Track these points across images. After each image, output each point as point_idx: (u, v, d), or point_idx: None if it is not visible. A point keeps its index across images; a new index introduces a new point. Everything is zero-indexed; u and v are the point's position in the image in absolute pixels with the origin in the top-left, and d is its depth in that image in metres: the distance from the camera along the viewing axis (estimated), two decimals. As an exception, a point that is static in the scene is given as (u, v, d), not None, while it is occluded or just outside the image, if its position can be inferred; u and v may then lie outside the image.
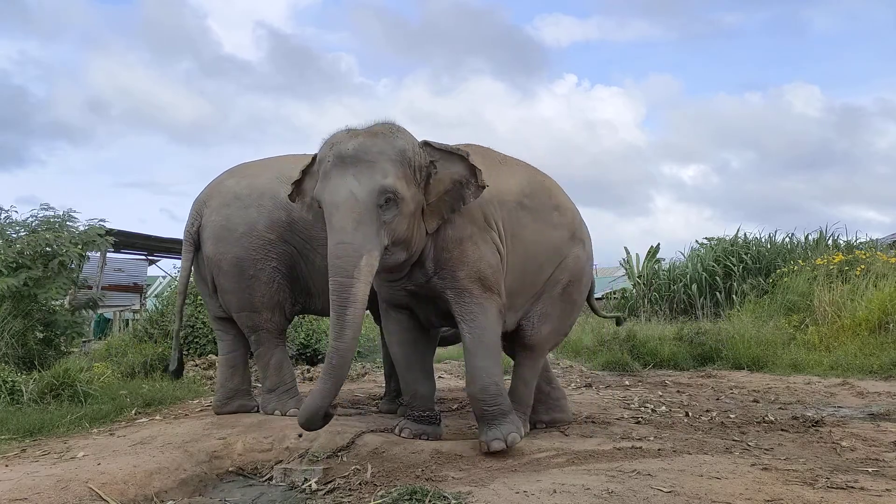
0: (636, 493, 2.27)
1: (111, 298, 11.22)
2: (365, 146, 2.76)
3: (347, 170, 2.73)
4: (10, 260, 5.08)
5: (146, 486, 2.63)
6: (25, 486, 2.45)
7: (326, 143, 2.90)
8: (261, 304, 3.75)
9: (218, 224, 3.75)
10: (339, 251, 2.64)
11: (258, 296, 3.74)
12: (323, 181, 2.79)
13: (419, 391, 3.30)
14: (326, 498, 2.54)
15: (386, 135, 2.82)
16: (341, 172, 2.74)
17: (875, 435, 3.38)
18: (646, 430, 3.54)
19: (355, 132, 2.86)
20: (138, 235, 10.92)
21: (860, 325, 6.68)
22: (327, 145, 2.87)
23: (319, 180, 2.83)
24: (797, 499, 2.20)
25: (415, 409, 3.30)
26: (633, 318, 11.02)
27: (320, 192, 2.79)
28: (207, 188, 3.94)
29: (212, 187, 3.92)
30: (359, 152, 2.74)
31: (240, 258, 3.70)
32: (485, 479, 2.55)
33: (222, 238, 3.73)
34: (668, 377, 6.14)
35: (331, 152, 2.80)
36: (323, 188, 2.77)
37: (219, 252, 3.74)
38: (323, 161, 2.84)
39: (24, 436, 3.49)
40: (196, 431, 3.35)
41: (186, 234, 3.86)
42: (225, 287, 3.79)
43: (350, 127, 2.92)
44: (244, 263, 3.71)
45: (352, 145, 2.76)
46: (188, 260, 3.88)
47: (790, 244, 11.60)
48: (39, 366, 4.89)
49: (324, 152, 2.87)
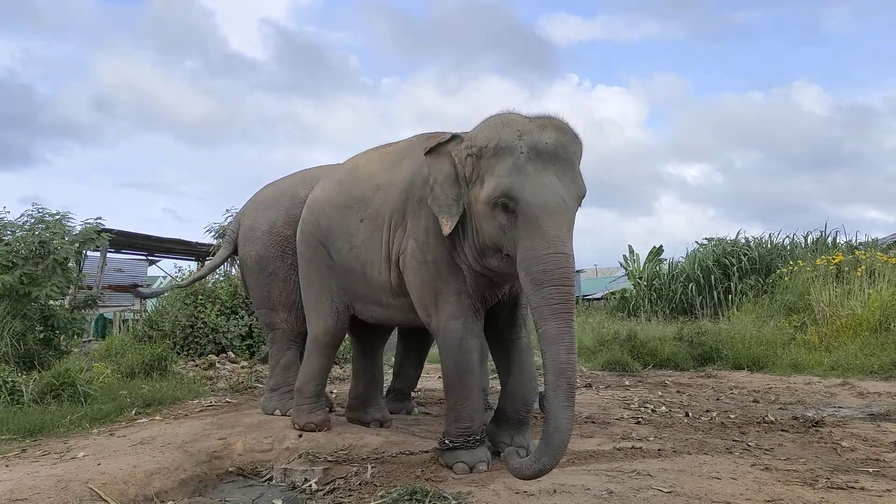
0: (636, 493, 2.27)
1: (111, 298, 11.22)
2: (562, 143, 2.55)
3: (548, 167, 2.49)
4: (4, 259, 5.08)
5: (146, 486, 2.63)
6: (26, 486, 2.45)
7: (502, 125, 2.58)
8: (278, 303, 3.95)
9: (246, 226, 4.14)
10: (559, 261, 2.39)
11: (276, 293, 3.94)
12: (518, 175, 2.47)
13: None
14: (326, 498, 2.54)
15: (570, 130, 2.62)
16: (541, 170, 2.48)
17: (875, 435, 3.38)
18: (646, 431, 3.54)
19: (540, 122, 2.59)
20: (138, 235, 10.91)
21: (860, 325, 6.68)
22: (507, 131, 2.55)
23: (508, 172, 2.49)
24: (797, 499, 2.20)
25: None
26: (633, 318, 11.03)
27: (517, 188, 2.46)
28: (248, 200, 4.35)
29: (251, 198, 4.32)
30: (558, 149, 2.52)
31: (261, 256, 4.00)
32: (485, 479, 2.55)
33: (248, 238, 4.09)
34: (668, 377, 6.14)
35: (521, 142, 2.50)
36: (521, 185, 2.46)
37: (245, 251, 4.11)
38: (507, 149, 2.51)
39: (25, 436, 3.50)
40: (196, 431, 3.35)
41: (226, 238, 4.43)
42: (249, 284, 4.15)
43: (513, 110, 2.66)
44: (264, 261, 3.98)
45: (549, 140, 2.52)
46: (219, 257, 4.49)
47: (790, 244, 11.60)
48: (39, 366, 4.89)
49: (502, 139, 2.54)
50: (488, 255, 2.70)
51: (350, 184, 3.35)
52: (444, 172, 2.72)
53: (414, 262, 2.91)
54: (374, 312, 3.35)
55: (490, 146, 2.56)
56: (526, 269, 2.44)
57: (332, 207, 3.37)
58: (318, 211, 3.46)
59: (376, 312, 3.34)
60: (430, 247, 2.86)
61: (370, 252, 3.17)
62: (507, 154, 2.52)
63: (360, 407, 3.69)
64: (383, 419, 3.65)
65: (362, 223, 3.21)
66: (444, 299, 2.84)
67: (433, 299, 2.87)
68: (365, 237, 3.19)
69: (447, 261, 2.84)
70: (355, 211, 3.25)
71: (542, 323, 2.38)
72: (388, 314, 3.31)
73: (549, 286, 2.37)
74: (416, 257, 2.90)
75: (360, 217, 3.22)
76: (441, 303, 2.85)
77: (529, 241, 2.44)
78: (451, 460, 2.78)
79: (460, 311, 2.84)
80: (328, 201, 3.42)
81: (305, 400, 3.44)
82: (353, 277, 3.30)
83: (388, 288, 3.14)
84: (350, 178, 3.38)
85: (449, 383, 2.87)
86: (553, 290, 2.37)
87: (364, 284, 3.26)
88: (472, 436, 2.81)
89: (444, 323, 2.84)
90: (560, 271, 2.38)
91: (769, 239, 11.99)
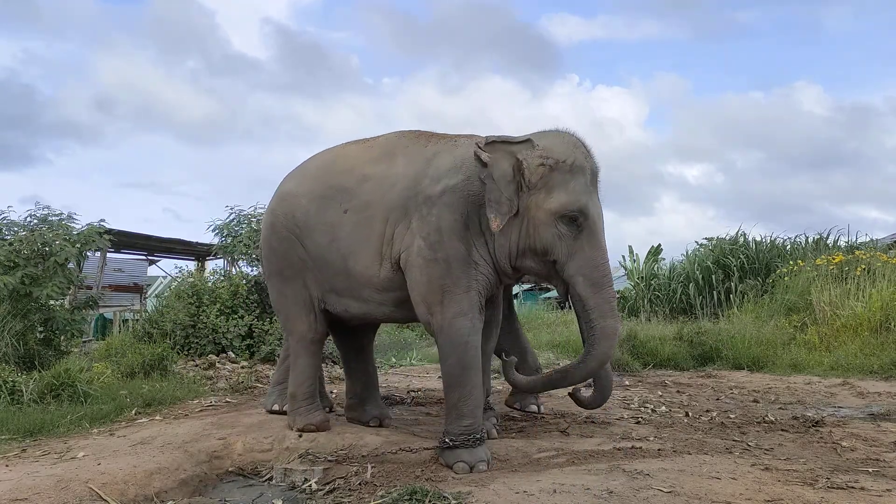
0: (636, 492, 2.27)
1: (111, 298, 11.22)
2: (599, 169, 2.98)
3: (596, 190, 2.94)
4: (6, 259, 5.08)
5: (146, 486, 2.63)
6: (26, 486, 2.45)
7: (574, 146, 2.89)
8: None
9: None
10: (607, 268, 2.88)
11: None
12: (587, 195, 2.84)
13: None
14: (326, 498, 2.54)
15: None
16: (595, 191, 2.92)
17: (875, 435, 3.38)
18: (646, 430, 3.54)
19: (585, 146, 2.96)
20: (138, 235, 10.91)
21: (861, 325, 6.67)
22: (580, 152, 2.88)
23: (583, 191, 2.82)
24: (797, 499, 2.20)
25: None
26: (633, 318, 11.02)
27: (589, 205, 2.82)
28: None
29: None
30: (599, 174, 2.97)
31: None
32: (485, 479, 2.55)
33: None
34: (668, 377, 6.14)
35: (587, 163, 2.88)
36: (589, 202, 2.83)
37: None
38: (578, 168, 2.83)
39: (25, 436, 3.50)
40: (196, 431, 3.35)
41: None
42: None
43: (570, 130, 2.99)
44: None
45: (596, 166, 2.95)
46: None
47: (790, 244, 11.59)
48: (39, 366, 4.89)
49: (577, 159, 2.85)
50: (528, 257, 2.89)
51: (329, 175, 3.31)
52: (502, 170, 2.81)
53: (421, 259, 2.92)
54: (350, 306, 3.31)
55: (568, 162, 2.82)
56: (585, 274, 2.81)
57: (310, 199, 3.31)
58: (292, 203, 3.38)
59: (352, 306, 3.30)
60: (442, 245, 2.90)
61: (356, 244, 3.14)
62: (580, 174, 2.83)
63: (358, 406, 3.69)
64: (382, 417, 3.64)
65: (346, 214, 3.18)
66: (452, 296, 2.88)
67: (439, 297, 2.90)
68: (350, 229, 3.16)
69: (462, 258, 2.90)
70: (337, 202, 3.22)
71: (602, 319, 2.80)
72: (365, 308, 3.28)
73: (608, 286, 2.85)
74: (425, 255, 2.92)
75: (345, 208, 3.19)
76: (448, 300, 2.88)
77: (591, 251, 2.82)
78: (452, 459, 2.79)
79: (469, 307, 2.89)
80: (304, 193, 3.35)
81: (301, 403, 3.40)
82: (330, 270, 3.26)
83: (375, 283, 3.13)
84: (328, 169, 3.35)
85: (452, 381, 2.90)
86: (611, 290, 2.86)
87: (344, 278, 3.23)
88: (473, 434, 2.84)
89: (449, 320, 2.87)
90: (610, 277, 2.90)
91: (769, 239, 11.98)
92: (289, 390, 3.51)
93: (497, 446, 3.05)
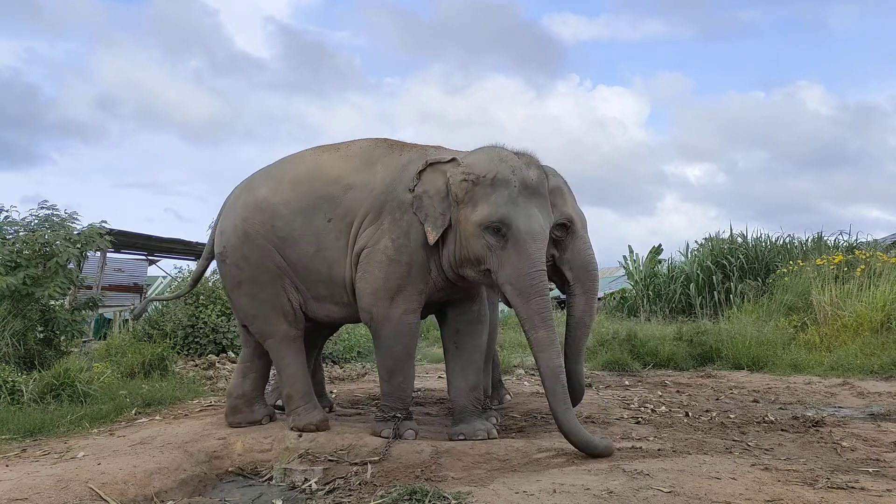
0: (636, 492, 2.27)
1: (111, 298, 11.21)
2: (542, 181, 3.09)
3: (532, 201, 3.00)
4: (7, 259, 5.08)
5: (146, 486, 2.63)
6: (26, 486, 2.45)
7: (499, 160, 3.02)
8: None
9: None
10: (540, 277, 2.96)
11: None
12: (511, 206, 2.95)
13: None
14: (326, 498, 2.54)
15: (543, 168, 3.17)
16: (528, 202, 2.99)
17: (876, 435, 3.38)
18: (646, 430, 3.54)
19: (525, 159, 3.08)
20: (138, 235, 10.90)
21: (861, 324, 6.67)
22: (504, 166, 3.00)
23: (504, 202, 2.94)
24: (797, 499, 2.20)
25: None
26: (632, 318, 11.02)
27: (511, 216, 2.93)
28: None
29: None
30: (539, 186, 3.06)
31: None
32: (485, 479, 2.55)
33: None
34: (668, 377, 6.14)
35: (514, 177, 2.98)
36: (515, 214, 2.94)
37: None
38: (500, 181, 2.97)
39: (25, 436, 3.50)
40: (196, 431, 3.36)
41: None
42: None
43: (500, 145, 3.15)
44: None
45: (534, 177, 3.04)
46: None
47: (790, 244, 11.58)
48: (39, 366, 4.89)
49: (500, 172, 2.98)
50: (466, 267, 3.07)
51: (313, 185, 3.34)
52: (436, 188, 3.07)
53: (385, 257, 3.13)
54: (331, 311, 3.44)
55: (488, 176, 2.99)
56: (513, 283, 2.94)
57: (293, 210, 3.32)
58: (271, 213, 3.36)
59: (332, 311, 3.44)
60: (407, 248, 3.13)
61: (339, 251, 3.27)
62: (503, 186, 2.97)
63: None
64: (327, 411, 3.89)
65: (330, 223, 3.27)
66: (405, 295, 3.15)
67: (391, 294, 3.14)
68: (334, 237, 3.27)
69: (421, 263, 3.15)
70: (322, 211, 3.28)
71: (534, 331, 2.93)
72: (345, 312, 3.43)
73: (536, 297, 2.92)
74: (389, 254, 3.13)
75: (329, 217, 3.27)
76: (399, 297, 3.15)
77: (517, 260, 2.93)
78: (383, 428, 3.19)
79: (417, 306, 3.20)
80: (285, 203, 3.34)
81: (298, 402, 3.39)
82: (314, 278, 3.34)
83: (352, 287, 3.26)
84: (312, 178, 3.36)
85: (397, 366, 3.23)
86: (539, 300, 2.92)
87: (327, 284, 3.33)
88: (405, 409, 3.26)
89: (399, 315, 3.16)
90: (541, 285, 2.95)
91: (767, 238, 11.97)
92: (283, 392, 3.50)
93: (497, 446, 3.04)
